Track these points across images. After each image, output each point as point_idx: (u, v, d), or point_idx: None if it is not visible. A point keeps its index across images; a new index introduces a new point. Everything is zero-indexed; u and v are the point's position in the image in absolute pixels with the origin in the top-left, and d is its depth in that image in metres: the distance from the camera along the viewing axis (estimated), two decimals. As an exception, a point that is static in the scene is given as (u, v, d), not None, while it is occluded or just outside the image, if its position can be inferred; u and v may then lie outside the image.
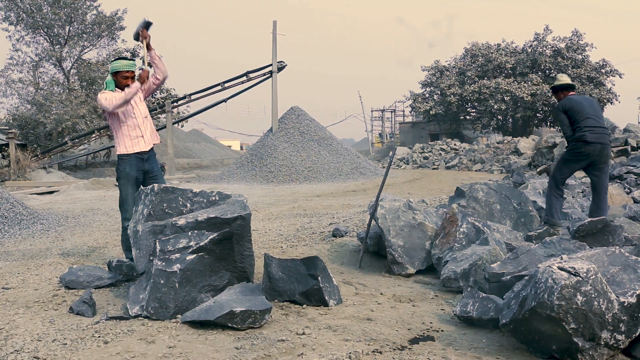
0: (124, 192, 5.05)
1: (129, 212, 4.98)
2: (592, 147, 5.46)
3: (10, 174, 19.78)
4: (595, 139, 5.46)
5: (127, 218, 5.00)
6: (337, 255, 5.67)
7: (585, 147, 5.47)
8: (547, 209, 5.67)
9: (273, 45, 21.73)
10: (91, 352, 3.04)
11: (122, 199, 5.06)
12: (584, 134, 5.47)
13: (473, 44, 39.11)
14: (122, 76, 4.98)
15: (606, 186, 5.69)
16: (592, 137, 5.45)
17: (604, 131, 5.57)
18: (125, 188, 5.04)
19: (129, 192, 5.02)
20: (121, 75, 4.98)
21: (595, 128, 5.50)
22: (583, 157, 5.54)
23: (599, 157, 5.52)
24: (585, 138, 5.45)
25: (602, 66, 35.90)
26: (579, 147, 5.52)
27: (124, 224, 5.04)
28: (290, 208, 10.23)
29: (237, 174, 19.51)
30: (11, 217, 8.10)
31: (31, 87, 26.73)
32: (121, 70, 4.97)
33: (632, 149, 14.50)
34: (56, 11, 26.20)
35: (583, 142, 5.47)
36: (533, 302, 2.76)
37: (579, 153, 5.54)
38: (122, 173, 5.04)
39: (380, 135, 51.94)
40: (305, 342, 3.13)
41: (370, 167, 20.36)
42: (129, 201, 5.01)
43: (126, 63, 5.03)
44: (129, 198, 5.01)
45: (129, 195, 5.01)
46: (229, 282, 3.98)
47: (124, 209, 5.05)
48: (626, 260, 3.17)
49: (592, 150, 5.47)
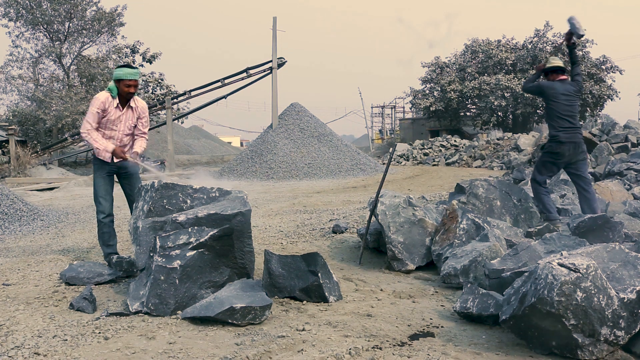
0: (96, 184, 5.08)
1: (102, 205, 5.03)
2: (566, 147, 5.66)
3: (10, 171, 19.78)
4: (568, 138, 5.65)
5: (100, 210, 5.04)
6: (337, 251, 5.67)
7: (560, 146, 5.66)
8: (540, 208, 5.76)
9: (273, 41, 21.69)
10: (92, 348, 3.05)
11: (94, 191, 5.10)
12: (558, 134, 5.67)
13: (473, 40, 39.03)
14: (124, 84, 4.94)
15: (588, 178, 5.81)
16: (565, 137, 5.65)
17: (576, 130, 5.73)
18: (98, 180, 5.06)
19: (101, 185, 5.05)
20: (124, 83, 4.93)
21: (568, 128, 5.68)
22: (559, 156, 5.71)
23: (574, 155, 5.69)
24: (559, 138, 5.66)
25: (603, 62, 35.83)
26: (553, 147, 5.71)
27: (99, 216, 5.05)
28: (291, 204, 10.23)
29: (237, 171, 19.52)
30: (11, 213, 8.10)
31: (31, 83, 26.70)
32: (124, 79, 4.93)
33: (632, 146, 14.48)
34: (56, 7, 26.15)
35: (557, 142, 5.67)
36: (533, 298, 2.77)
37: (554, 153, 5.72)
38: (95, 166, 5.10)
39: (381, 131, 51.88)
40: (305, 338, 3.14)
41: (370, 164, 20.36)
42: (100, 193, 5.04)
43: (130, 72, 4.96)
44: (100, 190, 5.04)
45: (101, 187, 5.04)
46: (229, 278, 3.98)
47: (97, 201, 5.07)
48: (626, 256, 3.17)
49: (567, 149, 5.66)
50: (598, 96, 34.88)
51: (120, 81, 4.93)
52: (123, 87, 4.94)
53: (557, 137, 5.66)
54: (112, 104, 4.97)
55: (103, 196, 5.03)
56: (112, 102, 4.97)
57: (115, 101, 4.99)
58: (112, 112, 4.98)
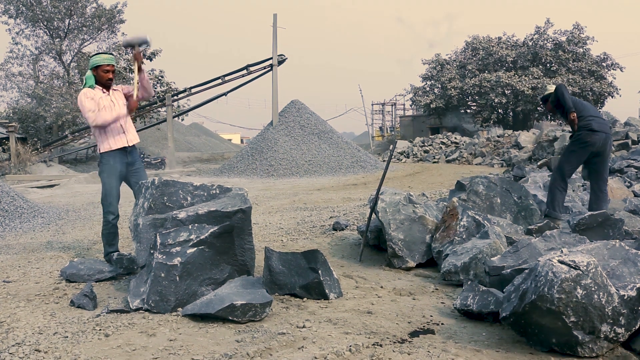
0: (107, 184, 4.93)
1: (113, 206, 4.93)
2: (597, 136, 5.52)
3: (10, 168, 19.79)
4: (600, 127, 5.55)
5: (110, 212, 4.92)
6: (338, 248, 5.67)
7: (591, 135, 5.52)
8: (549, 202, 5.68)
9: (273, 38, 21.68)
10: (92, 345, 3.05)
11: (106, 192, 4.94)
12: (590, 123, 5.54)
13: (474, 37, 39.00)
14: (102, 70, 4.88)
15: (606, 178, 5.73)
16: (597, 126, 5.54)
17: (607, 123, 5.68)
18: (109, 181, 4.93)
19: (113, 185, 4.93)
20: (102, 69, 4.88)
21: (599, 119, 5.62)
22: (588, 145, 5.56)
23: (603, 146, 5.57)
24: (592, 127, 5.52)
25: (603, 59, 35.84)
26: (584, 136, 5.56)
27: (107, 217, 4.94)
28: (291, 201, 10.24)
29: (238, 168, 19.52)
30: (12, 210, 8.11)
31: (31, 80, 26.71)
32: (102, 64, 4.88)
33: (632, 143, 14.47)
34: (56, 4, 26.12)
35: (589, 131, 5.53)
36: (533, 295, 2.77)
37: (584, 142, 5.56)
38: (105, 166, 4.95)
39: (381, 128, 51.89)
40: (305, 335, 3.14)
41: (370, 161, 20.36)
42: (113, 194, 4.93)
43: (106, 57, 4.93)
44: (113, 191, 4.93)
45: (113, 188, 4.93)
46: (229, 275, 3.99)
47: (108, 202, 4.93)
48: (626, 253, 3.17)
49: (598, 138, 5.53)
50: (598, 93, 34.87)
51: (98, 68, 4.88)
52: (102, 73, 4.88)
53: (589, 125, 5.52)
54: (97, 94, 4.89)
55: (114, 197, 4.93)
56: (96, 92, 4.89)
57: (99, 90, 4.90)
58: (103, 98, 4.90)
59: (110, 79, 4.94)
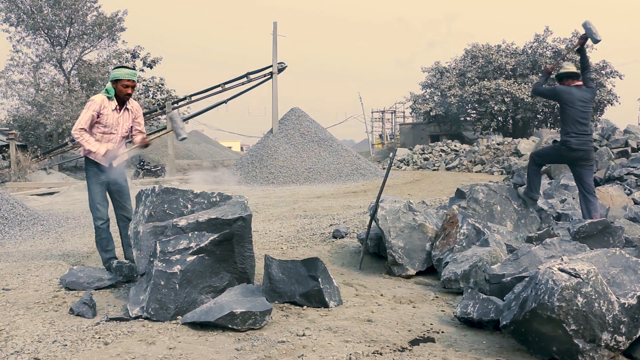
0: (92, 190, 4.97)
1: (100, 211, 4.97)
2: (575, 154, 5.73)
3: (10, 175, 19.79)
4: (578, 145, 5.70)
5: (98, 217, 4.97)
6: (338, 256, 5.67)
7: (569, 152, 5.74)
8: (527, 183, 6.00)
9: (273, 46, 21.76)
10: (91, 353, 3.04)
11: (91, 197, 4.98)
12: (570, 140, 5.70)
13: (473, 45, 39.12)
14: (122, 85, 4.89)
15: (590, 183, 5.83)
16: (576, 143, 5.69)
17: (588, 137, 5.76)
18: (93, 187, 4.96)
19: (97, 191, 4.96)
20: (121, 83, 4.89)
21: (580, 135, 5.69)
22: (565, 158, 5.90)
23: (581, 160, 5.77)
24: (570, 144, 5.70)
25: (603, 67, 35.94)
26: (562, 150, 5.80)
27: (96, 223, 4.99)
28: (291, 209, 10.23)
29: (238, 175, 19.52)
30: (11, 218, 8.10)
31: (32, 88, 26.75)
32: (122, 79, 4.88)
33: (632, 151, 14.48)
34: (57, 12, 26.23)
35: (568, 147, 5.72)
36: (533, 303, 2.76)
37: (562, 155, 5.87)
38: (90, 172, 4.99)
39: (381, 136, 51.92)
40: (305, 343, 3.13)
41: (370, 169, 20.37)
42: (97, 199, 4.96)
43: (128, 72, 4.93)
44: (98, 196, 4.96)
45: (97, 194, 4.96)
46: (229, 283, 3.98)
47: (95, 207, 4.97)
48: (626, 261, 3.17)
49: (575, 155, 5.74)
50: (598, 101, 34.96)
51: (118, 81, 4.89)
52: (121, 87, 4.89)
53: (568, 142, 5.69)
54: (109, 107, 4.91)
55: (100, 202, 4.96)
56: (109, 105, 4.92)
57: (113, 103, 4.93)
58: (110, 115, 4.92)
59: (129, 94, 4.96)
